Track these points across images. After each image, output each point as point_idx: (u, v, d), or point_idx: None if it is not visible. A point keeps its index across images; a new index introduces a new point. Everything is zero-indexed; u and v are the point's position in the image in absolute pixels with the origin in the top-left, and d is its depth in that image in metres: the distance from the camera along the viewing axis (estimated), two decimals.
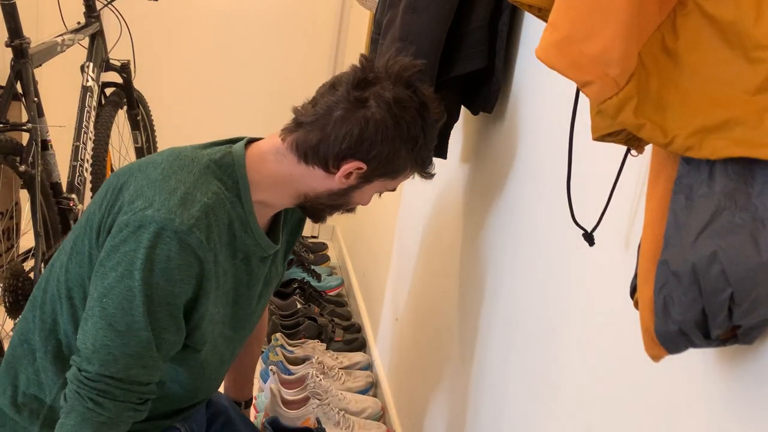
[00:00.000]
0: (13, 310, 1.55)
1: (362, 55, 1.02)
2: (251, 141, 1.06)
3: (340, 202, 1.07)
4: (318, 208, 1.08)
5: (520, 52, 1.21)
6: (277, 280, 1.23)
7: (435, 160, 1.52)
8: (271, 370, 1.88)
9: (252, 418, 1.60)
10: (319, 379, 1.82)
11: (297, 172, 1.01)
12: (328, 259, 3.00)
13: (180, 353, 1.02)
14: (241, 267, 1.05)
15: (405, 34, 1.23)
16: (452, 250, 1.49)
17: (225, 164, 0.99)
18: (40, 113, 1.68)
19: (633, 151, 0.69)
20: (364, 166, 0.99)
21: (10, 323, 1.57)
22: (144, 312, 0.90)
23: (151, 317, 0.90)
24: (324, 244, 3.19)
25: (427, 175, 1.09)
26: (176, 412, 1.15)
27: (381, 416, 1.87)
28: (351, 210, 1.12)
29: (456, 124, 1.36)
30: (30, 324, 1.07)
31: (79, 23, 1.98)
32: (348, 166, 0.98)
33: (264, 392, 1.86)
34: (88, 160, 1.90)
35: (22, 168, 1.56)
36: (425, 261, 1.70)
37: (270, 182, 1.02)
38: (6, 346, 1.84)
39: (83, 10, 2.03)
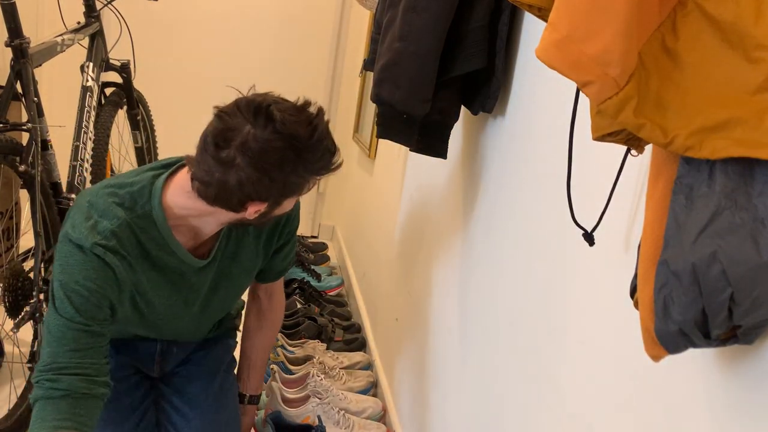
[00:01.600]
0: (13, 310, 1.55)
1: (215, 107, 1.08)
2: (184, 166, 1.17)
3: (264, 220, 1.17)
4: (248, 224, 1.18)
5: (520, 52, 1.21)
6: (244, 275, 1.34)
7: (434, 160, 1.52)
8: (272, 368, 1.88)
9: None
10: (320, 378, 1.82)
11: (211, 209, 1.11)
12: (328, 259, 3.00)
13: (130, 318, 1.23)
14: (177, 280, 1.23)
15: (405, 34, 1.23)
16: (452, 249, 1.49)
17: (141, 195, 1.14)
18: (40, 113, 1.67)
19: (633, 151, 0.69)
20: (265, 203, 1.09)
21: (10, 323, 1.57)
22: (70, 304, 1.08)
23: (79, 308, 1.08)
24: (324, 244, 3.20)
25: (335, 169, 1.14)
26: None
27: (381, 416, 1.86)
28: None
29: (456, 124, 1.36)
30: None
31: (79, 23, 1.97)
32: (252, 208, 1.09)
33: (264, 391, 1.86)
34: (87, 160, 1.90)
35: (22, 168, 1.55)
36: (425, 261, 1.70)
37: (191, 213, 1.15)
38: (6, 346, 1.84)
39: (83, 9, 2.03)
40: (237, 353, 1.58)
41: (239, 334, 1.58)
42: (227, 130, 1.02)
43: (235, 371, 1.55)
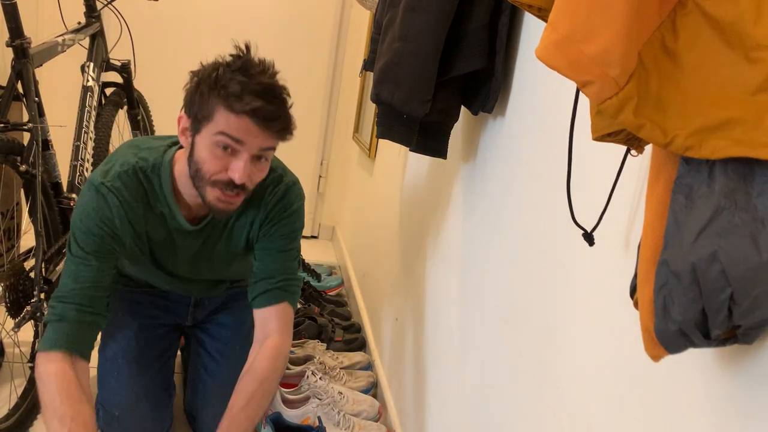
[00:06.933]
0: (14, 310, 1.55)
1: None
2: None
3: (195, 168, 1.25)
4: (199, 189, 1.28)
5: (520, 52, 1.21)
6: (231, 256, 1.49)
7: (434, 160, 1.52)
8: None
9: None
10: (319, 378, 1.82)
11: (179, 165, 1.33)
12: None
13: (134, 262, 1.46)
14: (170, 235, 1.41)
15: (405, 34, 1.23)
16: (452, 249, 1.49)
17: (157, 152, 1.35)
18: (41, 113, 1.68)
19: (633, 151, 0.69)
20: (189, 119, 1.25)
21: (10, 322, 1.57)
22: (75, 239, 1.28)
23: (80, 243, 1.28)
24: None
25: (244, 110, 1.19)
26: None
27: (378, 418, 1.86)
28: (221, 185, 1.25)
29: (456, 124, 1.36)
30: None
31: (79, 23, 1.98)
32: (181, 121, 1.27)
33: None
34: (88, 160, 1.90)
35: (23, 168, 1.56)
36: (425, 261, 1.70)
37: (184, 173, 1.32)
38: (6, 346, 1.84)
39: (83, 10, 2.03)
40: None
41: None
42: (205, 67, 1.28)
43: None
